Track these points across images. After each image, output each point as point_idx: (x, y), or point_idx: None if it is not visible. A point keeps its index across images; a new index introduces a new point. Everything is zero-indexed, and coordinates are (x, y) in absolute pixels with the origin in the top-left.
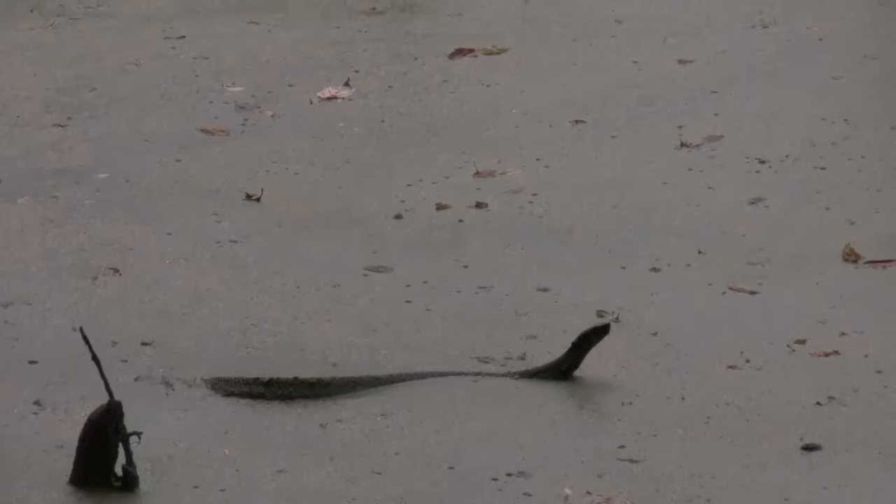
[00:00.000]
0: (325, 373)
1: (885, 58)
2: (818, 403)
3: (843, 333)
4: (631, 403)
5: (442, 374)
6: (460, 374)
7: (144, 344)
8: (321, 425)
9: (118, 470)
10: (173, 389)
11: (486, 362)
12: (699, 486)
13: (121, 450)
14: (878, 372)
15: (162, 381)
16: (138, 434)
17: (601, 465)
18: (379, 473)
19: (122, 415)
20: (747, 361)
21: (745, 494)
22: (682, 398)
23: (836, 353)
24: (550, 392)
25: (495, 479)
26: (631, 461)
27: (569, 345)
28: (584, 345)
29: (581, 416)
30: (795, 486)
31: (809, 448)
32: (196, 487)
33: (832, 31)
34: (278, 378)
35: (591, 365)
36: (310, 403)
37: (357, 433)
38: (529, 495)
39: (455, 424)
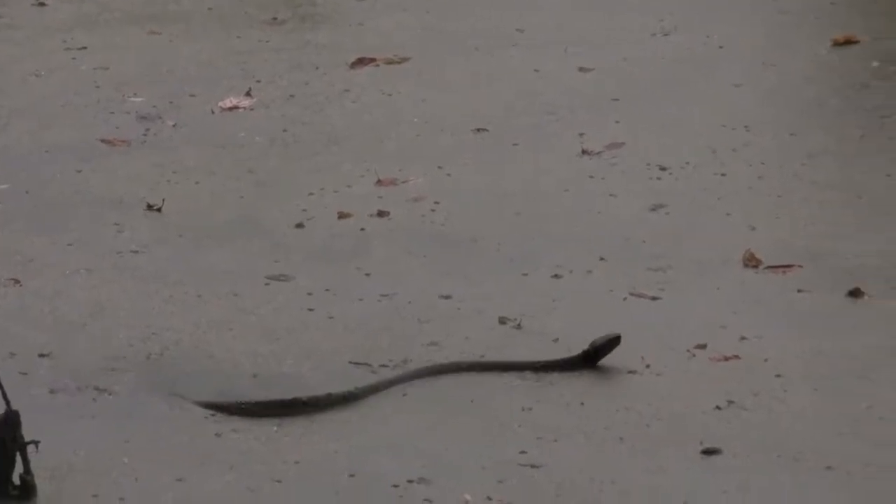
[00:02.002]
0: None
1: (783, 65)
2: (718, 408)
3: (743, 338)
4: (531, 409)
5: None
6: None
7: (43, 355)
8: (216, 434)
9: (16, 479)
10: (73, 399)
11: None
12: (599, 492)
13: (18, 459)
14: (778, 376)
15: (61, 390)
16: (36, 443)
17: (502, 471)
18: (279, 482)
19: (19, 424)
20: (648, 367)
21: (645, 499)
22: (582, 403)
23: (737, 357)
24: (451, 398)
25: (396, 486)
26: (531, 466)
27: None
28: (596, 357)
29: (482, 422)
30: (696, 490)
31: (709, 452)
32: (95, 496)
33: (732, 39)
34: (314, 396)
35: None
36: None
37: (254, 442)
38: (430, 501)
39: (355, 432)
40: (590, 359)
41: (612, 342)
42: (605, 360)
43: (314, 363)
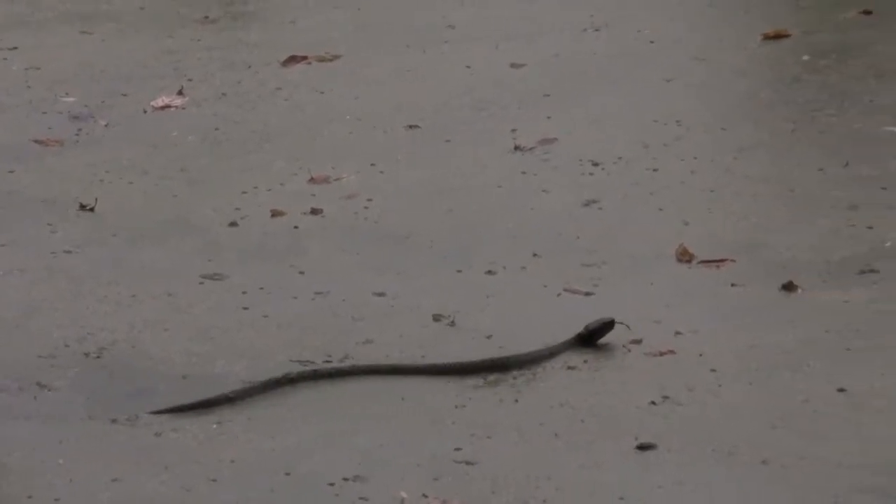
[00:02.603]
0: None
1: (714, 59)
2: (653, 403)
3: (678, 333)
4: (465, 406)
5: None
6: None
7: None
8: (156, 434)
9: None
10: (7, 400)
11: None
12: (535, 488)
13: None
14: (713, 370)
15: (2, 390)
16: None
17: (437, 468)
18: (214, 481)
19: None
20: (585, 362)
21: (580, 495)
22: (516, 400)
23: (672, 352)
24: (385, 396)
25: (332, 485)
26: (467, 463)
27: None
28: (591, 339)
29: (416, 420)
30: (630, 485)
31: (644, 447)
32: (30, 497)
33: (662, 33)
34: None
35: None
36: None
37: (192, 441)
38: (366, 499)
39: (291, 430)
40: (584, 341)
41: (607, 326)
42: (545, 364)
43: (249, 362)
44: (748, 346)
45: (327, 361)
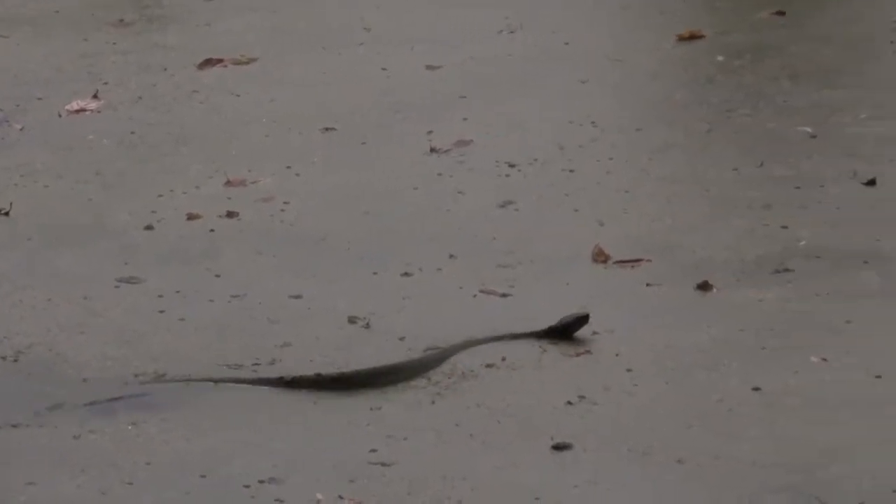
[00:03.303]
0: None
1: (629, 61)
2: (569, 403)
3: (594, 333)
4: (380, 408)
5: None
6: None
7: None
8: (74, 436)
9: None
10: None
11: (237, 368)
12: (451, 488)
13: None
14: (629, 370)
15: None
16: None
17: (353, 470)
18: (130, 484)
19: None
20: (503, 359)
21: (496, 495)
22: (433, 402)
23: (588, 352)
24: (301, 398)
25: (248, 487)
26: (382, 465)
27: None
28: (565, 333)
29: (332, 422)
30: (546, 485)
31: (560, 447)
32: None
33: (578, 35)
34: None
35: (342, 370)
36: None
37: (108, 443)
38: (282, 501)
39: (207, 433)
40: (557, 334)
41: (581, 320)
42: (452, 358)
43: (166, 365)
44: (664, 346)
45: (256, 364)
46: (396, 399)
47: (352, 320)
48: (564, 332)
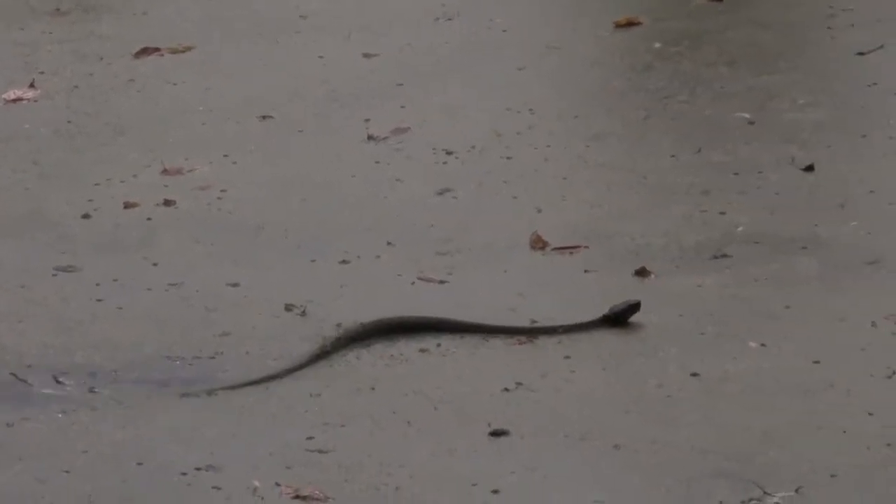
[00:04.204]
0: None
1: (567, 48)
2: (506, 389)
3: (532, 320)
4: (319, 395)
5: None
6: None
7: None
8: (7, 424)
9: None
10: None
11: (175, 360)
12: (388, 475)
13: None
14: (567, 357)
15: None
16: None
17: (290, 457)
18: (67, 472)
19: None
20: (438, 346)
21: (433, 482)
22: (372, 388)
23: (527, 340)
24: (236, 382)
25: (184, 474)
26: (320, 452)
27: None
28: (618, 320)
29: (270, 409)
30: (483, 471)
31: (497, 434)
32: None
33: (515, 22)
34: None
35: (280, 357)
36: None
37: (45, 431)
38: (219, 489)
39: (143, 421)
40: (610, 322)
41: (633, 307)
42: (389, 346)
43: (105, 354)
44: (602, 333)
45: (196, 358)
46: (336, 385)
47: (288, 308)
48: (617, 319)
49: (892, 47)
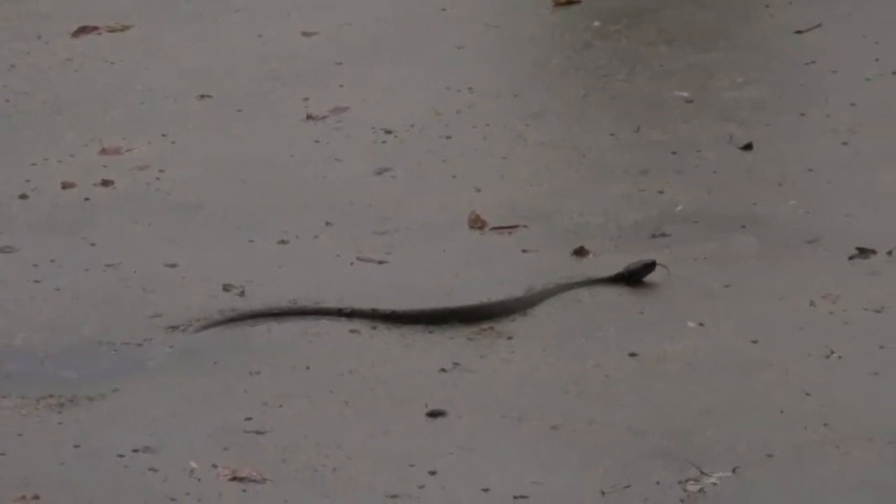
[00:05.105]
0: None
1: (506, 27)
2: (443, 370)
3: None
4: (259, 373)
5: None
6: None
7: None
8: None
9: None
10: None
11: (110, 344)
12: (325, 456)
13: None
14: (509, 338)
15: None
16: None
17: (228, 438)
18: (3, 455)
19: None
20: (373, 329)
21: (370, 462)
22: (308, 367)
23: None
24: (175, 365)
25: (122, 456)
26: (257, 433)
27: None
28: (632, 279)
29: (208, 389)
30: (420, 452)
31: (435, 414)
32: None
33: (455, 1)
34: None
35: (217, 338)
36: None
37: None
38: (155, 470)
39: (80, 402)
40: (624, 280)
41: (648, 267)
42: (327, 325)
43: (45, 336)
44: (542, 312)
45: (133, 343)
46: (275, 363)
47: (226, 288)
48: (632, 278)
49: (829, 26)
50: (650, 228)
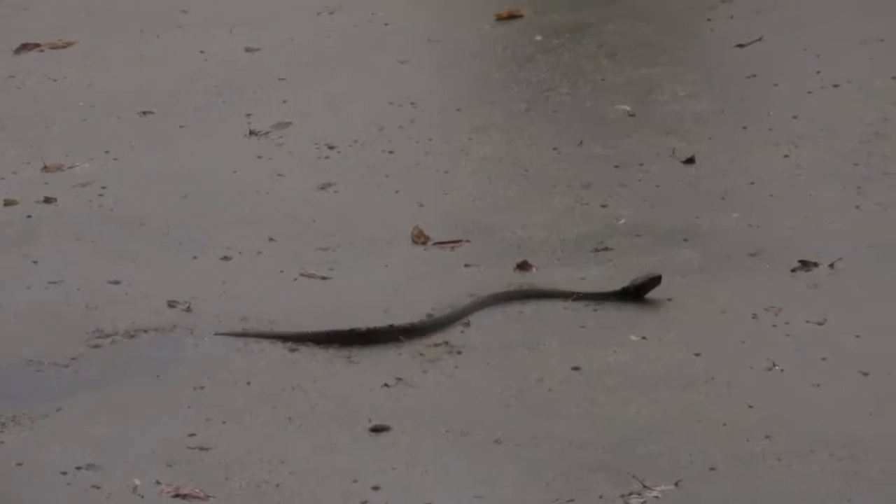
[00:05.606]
0: None
1: (449, 41)
2: (386, 385)
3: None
4: (203, 388)
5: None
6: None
7: None
8: None
9: None
10: None
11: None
12: (268, 472)
13: None
14: (449, 352)
15: None
16: None
17: (171, 455)
18: None
19: None
20: (318, 345)
21: (314, 478)
22: (248, 383)
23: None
24: (118, 380)
25: (64, 473)
26: (201, 449)
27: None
28: (638, 294)
29: (152, 405)
30: (364, 467)
31: (378, 429)
32: None
33: (397, 16)
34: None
35: (161, 354)
36: None
37: None
38: (99, 488)
39: (23, 419)
40: (629, 295)
41: (654, 281)
42: (269, 341)
43: None
44: (485, 327)
45: (77, 361)
46: (217, 380)
47: (171, 304)
48: (637, 293)
49: (770, 39)
50: (593, 242)
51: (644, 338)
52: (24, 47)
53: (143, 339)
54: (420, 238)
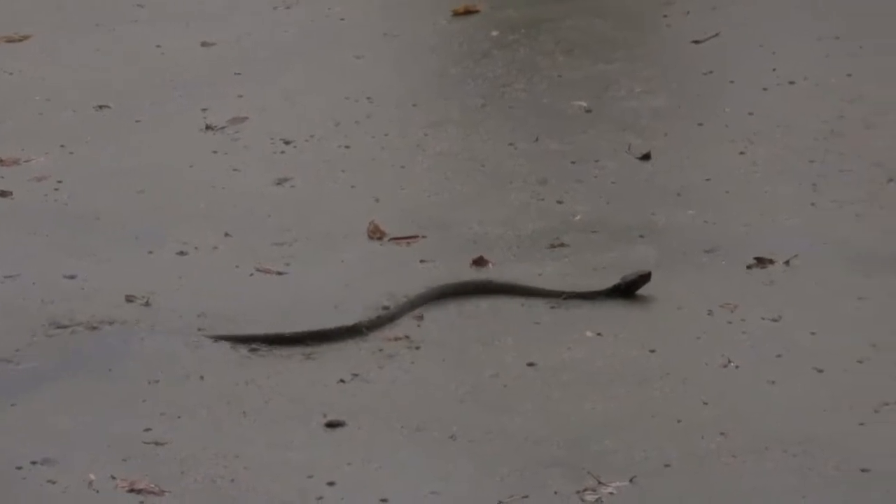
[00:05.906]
0: None
1: (405, 36)
2: (342, 381)
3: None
4: (157, 382)
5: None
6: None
7: None
8: None
9: None
10: None
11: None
12: (224, 467)
13: None
14: (407, 348)
15: None
16: None
17: (126, 449)
18: None
19: None
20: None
21: (269, 473)
22: (202, 377)
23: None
24: (73, 374)
25: (19, 468)
26: (156, 444)
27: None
28: (628, 291)
29: (108, 399)
30: (319, 462)
31: (333, 425)
32: None
33: (353, 11)
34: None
35: (115, 348)
36: None
37: None
38: (54, 482)
39: None
40: (620, 292)
41: (643, 278)
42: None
43: None
44: (442, 323)
45: (32, 355)
46: (171, 372)
47: (129, 299)
48: (628, 290)
49: (727, 36)
50: (549, 238)
51: (599, 334)
52: None
53: (98, 334)
54: (376, 233)
